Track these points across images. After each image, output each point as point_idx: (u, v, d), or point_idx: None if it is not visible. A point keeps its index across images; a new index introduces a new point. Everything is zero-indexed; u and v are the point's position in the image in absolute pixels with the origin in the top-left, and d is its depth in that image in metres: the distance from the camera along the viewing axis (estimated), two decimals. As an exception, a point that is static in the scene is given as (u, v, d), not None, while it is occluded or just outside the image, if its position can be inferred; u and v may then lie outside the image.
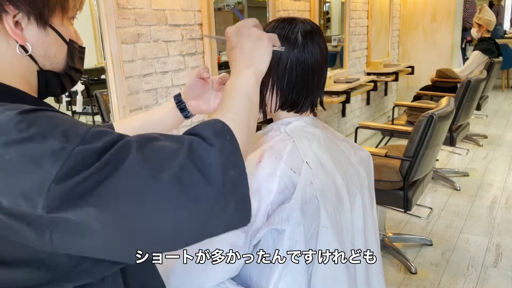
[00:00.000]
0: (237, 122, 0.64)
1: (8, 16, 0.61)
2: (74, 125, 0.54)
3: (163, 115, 0.97)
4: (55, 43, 0.67)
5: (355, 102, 4.61)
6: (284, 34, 0.89)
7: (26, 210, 0.49)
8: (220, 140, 0.57)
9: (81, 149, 0.51)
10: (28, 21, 0.63)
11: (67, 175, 0.49)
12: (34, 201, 0.49)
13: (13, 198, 0.50)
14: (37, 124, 0.52)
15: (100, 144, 0.52)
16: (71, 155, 0.50)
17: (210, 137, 0.57)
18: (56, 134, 0.51)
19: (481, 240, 2.70)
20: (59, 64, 0.69)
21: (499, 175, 3.73)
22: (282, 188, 0.83)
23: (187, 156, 0.54)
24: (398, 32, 5.67)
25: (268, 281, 0.81)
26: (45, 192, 0.49)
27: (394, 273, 2.39)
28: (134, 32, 2.04)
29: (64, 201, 0.49)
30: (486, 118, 5.52)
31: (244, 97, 0.70)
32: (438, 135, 2.23)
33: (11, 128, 0.51)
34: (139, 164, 0.52)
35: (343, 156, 0.96)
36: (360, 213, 0.94)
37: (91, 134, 0.53)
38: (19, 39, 0.63)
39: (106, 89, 1.97)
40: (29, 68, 0.66)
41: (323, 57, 0.92)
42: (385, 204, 2.40)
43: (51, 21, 0.65)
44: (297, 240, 0.81)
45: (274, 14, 3.00)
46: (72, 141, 0.51)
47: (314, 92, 0.93)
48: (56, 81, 0.70)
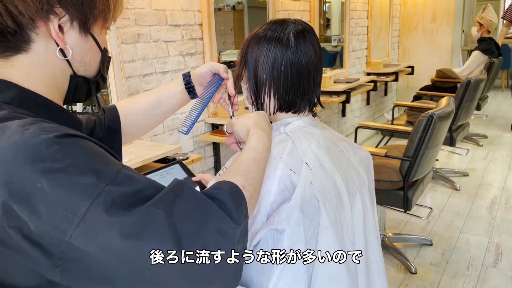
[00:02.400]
0: (251, 187, 0.69)
1: (56, 18, 0.61)
2: (106, 162, 0.56)
3: (171, 95, 0.99)
4: (91, 50, 0.68)
5: (355, 102, 4.61)
6: (276, 36, 0.89)
7: (53, 236, 0.51)
8: (241, 215, 0.62)
9: (111, 189, 0.52)
10: (71, 26, 0.63)
11: (96, 211, 0.51)
12: (63, 230, 0.50)
13: (41, 224, 0.51)
14: (72, 155, 0.53)
15: (129, 190, 0.54)
16: (101, 193, 0.52)
17: (234, 212, 0.61)
18: (89, 170, 0.53)
19: (481, 240, 2.70)
20: (91, 71, 0.70)
21: (499, 175, 3.73)
22: (281, 188, 0.83)
23: (210, 230, 0.57)
24: (398, 32, 5.67)
25: (268, 281, 0.81)
26: (75, 224, 0.50)
27: (394, 273, 2.39)
28: (134, 32, 2.04)
29: (89, 236, 0.51)
30: (486, 118, 5.52)
31: (258, 160, 0.75)
32: (438, 135, 2.23)
33: (47, 157, 0.51)
34: (168, 231, 0.54)
35: (343, 156, 0.96)
36: (360, 213, 0.94)
37: (121, 177, 0.55)
38: (61, 43, 0.63)
39: (106, 89, 1.97)
40: (63, 72, 0.67)
41: (317, 56, 0.91)
42: (385, 204, 2.40)
43: (92, 29, 0.67)
44: (297, 240, 0.80)
45: (274, 14, 3.00)
46: (103, 179, 0.53)
47: (311, 92, 0.93)
48: (85, 87, 0.71)
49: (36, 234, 0.51)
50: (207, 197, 0.61)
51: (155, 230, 0.53)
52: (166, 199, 0.56)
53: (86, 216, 0.50)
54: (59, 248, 0.51)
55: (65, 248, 0.51)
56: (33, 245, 0.51)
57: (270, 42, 0.88)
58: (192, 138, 2.51)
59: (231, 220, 0.59)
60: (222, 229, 0.58)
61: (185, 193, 0.58)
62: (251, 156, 0.75)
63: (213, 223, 0.57)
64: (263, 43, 0.89)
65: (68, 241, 0.50)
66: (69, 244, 0.50)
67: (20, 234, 0.51)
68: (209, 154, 2.66)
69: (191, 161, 2.10)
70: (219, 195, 0.62)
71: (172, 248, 0.53)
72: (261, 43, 0.89)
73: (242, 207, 0.63)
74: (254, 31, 0.93)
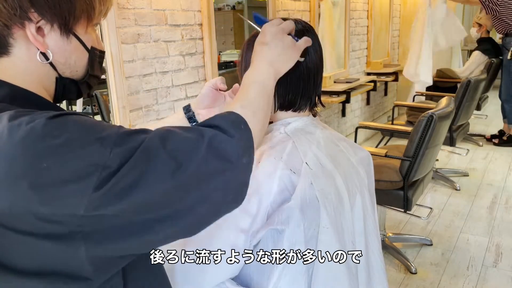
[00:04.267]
0: (255, 115, 0.67)
1: (31, 23, 0.60)
2: (103, 128, 0.55)
3: (170, 123, 0.96)
4: (76, 52, 0.66)
5: (355, 102, 4.60)
6: None
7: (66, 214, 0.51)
8: (237, 130, 0.61)
9: (116, 152, 0.52)
10: (51, 28, 0.62)
11: (106, 179, 0.51)
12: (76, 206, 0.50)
13: (52, 205, 0.51)
14: (69, 129, 0.53)
15: (134, 144, 0.54)
16: (108, 160, 0.51)
17: (228, 129, 0.60)
18: (91, 139, 0.52)
19: (481, 240, 2.70)
20: (78, 72, 0.69)
21: (499, 175, 3.73)
22: (281, 189, 0.83)
23: (207, 148, 0.57)
24: (398, 32, 5.66)
25: (268, 281, 0.81)
26: (87, 198, 0.50)
27: (394, 273, 2.39)
28: (134, 32, 2.04)
29: (103, 202, 0.51)
30: (486, 118, 5.52)
31: (261, 90, 0.72)
32: (438, 135, 2.23)
33: (44, 136, 0.51)
34: (165, 160, 0.54)
35: (343, 156, 0.96)
36: (360, 213, 0.94)
37: (121, 136, 0.54)
38: (40, 46, 0.62)
39: (106, 89, 1.97)
40: (48, 74, 0.65)
41: (317, 55, 0.91)
42: (385, 204, 2.40)
43: (75, 29, 0.65)
44: (297, 240, 0.81)
45: (274, 14, 3.00)
46: (107, 145, 0.52)
47: (311, 91, 0.93)
48: (74, 88, 0.70)
49: (51, 215, 0.51)
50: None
51: (157, 165, 0.54)
52: (159, 133, 0.57)
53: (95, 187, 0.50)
54: (75, 222, 0.51)
55: (81, 221, 0.51)
56: (50, 223, 0.52)
57: None
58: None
59: (227, 136, 0.60)
60: (219, 144, 0.59)
61: (175, 128, 0.60)
62: (254, 89, 0.73)
63: (206, 141, 0.58)
64: None
65: (83, 214, 0.50)
66: (85, 217, 0.51)
67: (35, 218, 0.51)
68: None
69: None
70: (209, 121, 0.63)
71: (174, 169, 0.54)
72: None
73: (237, 122, 0.63)
74: (255, 31, 0.93)
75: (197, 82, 2.43)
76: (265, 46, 0.78)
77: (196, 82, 2.43)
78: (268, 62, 0.76)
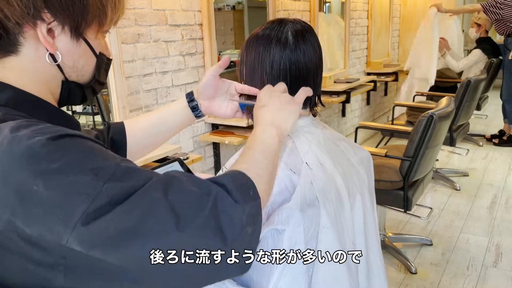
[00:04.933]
0: (261, 176, 0.66)
1: (43, 24, 0.60)
2: (104, 158, 0.54)
3: (174, 112, 0.96)
4: (84, 56, 0.66)
5: (355, 102, 4.61)
6: (274, 35, 0.89)
7: (50, 241, 0.50)
8: (244, 196, 0.59)
9: (110, 186, 0.51)
10: (62, 30, 0.62)
11: (95, 213, 0.49)
12: (59, 234, 0.49)
13: (36, 228, 0.50)
14: (68, 154, 0.52)
15: (132, 183, 0.52)
16: (100, 193, 0.50)
17: (235, 192, 0.58)
18: (86, 169, 0.51)
19: (481, 240, 2.70)
20: (85, 76, 0.69)
21: (499, 175, 3.73)
22: (281, 189, 0.83)
23: (211, 210, 0.55)
24: (398, 32, 5.66)
25: (268, 281, 0.81)
26: (71, 228, 0.49)
27: (394, 273, 2.39)
28: (134, 32, 2.04)
29: (88, 240, 0.49)
30: (486, 118, 5.52)
31: (268, 152, 0.71)
32: (438, 135, 2.23)
33: (42, 157, 0.50)
34: (166, 212, 0.52)
35: (343, 156, 0.96)
36: (361, 213, 0.94)
37: (121, 171, 0.53)
38: (50, 48, 0.61)
39: (106, 89, 1.97)
40: (55, 77, 0.65)
41: (317, 55, 0.91)
42: (385, 204, 2.40)
43: (85, 34, 0.65)
44: (297, 240, 0.80)
45: (274, 14, 3.00)
46: (101, 177, 0.51)
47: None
48: (79, 92, 0.70)
49: (35, 237, 0.50)
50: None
51: (155, 217, 0.52)
52: (162, 180, 0.55)
53: (82, 219, 0.49)
54: (58, 251, 0.50)
55: (64, 252, 0.50)
56: (33, 247, 0.51)
57: (268, 42, 0.88)
58: (192, 138, 2.51)
59: (233, 201, 0.58)
60: (223, 209, 0.57)
61: (180, 176, 0.58)
62: (258, 149, 0.72)
63: (211, 202, 0.56)
64: (262, 43, 0.89)
65: (65, 245, 0.49)
66: (67, 248, 0.49)
67: (19, 237, 0.51)
68: (209, 154, 2.66)
69: (191, 161, 2.10)
70: (217, 179, 0.60)
71: (173, 229, 0.52)
72: (260, 42, 0.89)
73: (247, 187, 0.61)
74: (254, 32, 0.93)
75: (197, 82, 2.43)
76: (263, 108, 0.79)
77: (196, 82, 2.43)
78: (269, 122, 0.76)
